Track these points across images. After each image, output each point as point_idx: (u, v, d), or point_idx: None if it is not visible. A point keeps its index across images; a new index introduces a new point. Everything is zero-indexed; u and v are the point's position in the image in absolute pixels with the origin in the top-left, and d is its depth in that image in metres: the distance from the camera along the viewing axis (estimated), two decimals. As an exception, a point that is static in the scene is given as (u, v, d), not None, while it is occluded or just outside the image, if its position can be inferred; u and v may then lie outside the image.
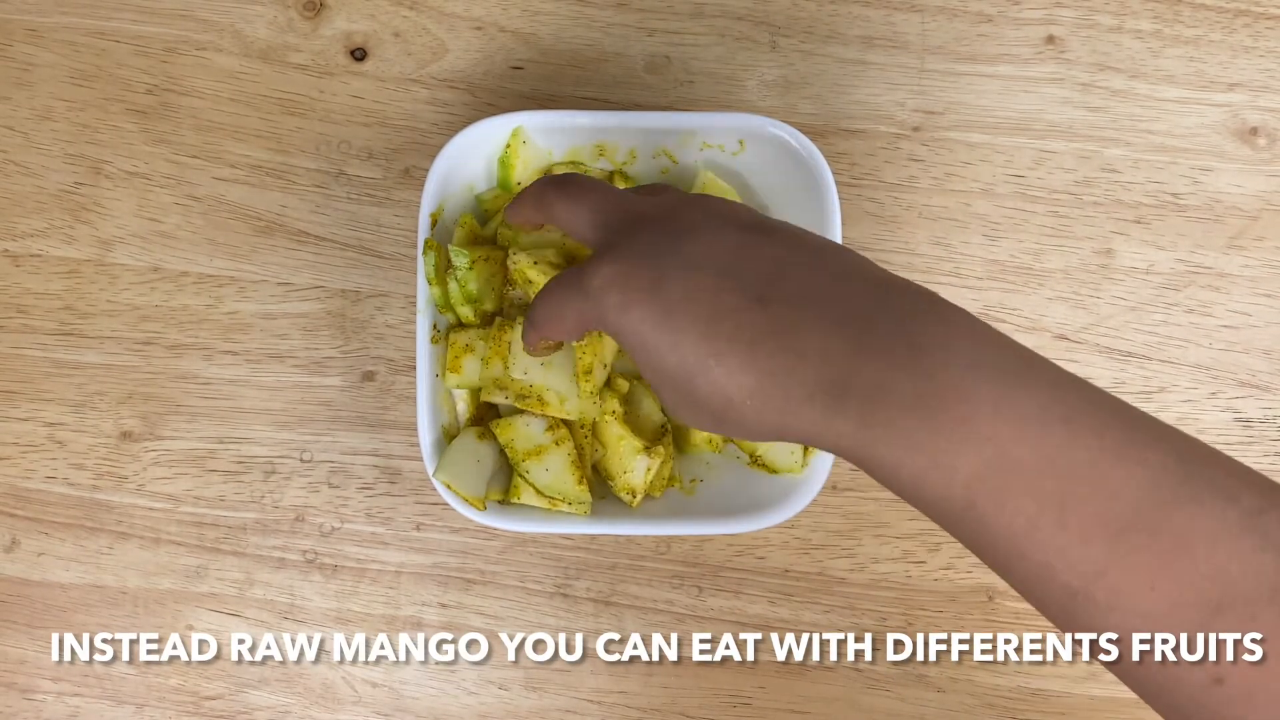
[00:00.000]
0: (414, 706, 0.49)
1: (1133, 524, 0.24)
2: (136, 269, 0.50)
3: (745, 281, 0.28)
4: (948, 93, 0.50)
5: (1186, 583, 0.24)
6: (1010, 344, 0.27)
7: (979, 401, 0.25)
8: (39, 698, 0.49)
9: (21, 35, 0.50)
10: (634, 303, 0.28)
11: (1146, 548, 0.24)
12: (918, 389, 0.25)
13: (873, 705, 0.49)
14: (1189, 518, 0.24)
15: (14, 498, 0.49)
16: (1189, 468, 0.24)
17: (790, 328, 0.27)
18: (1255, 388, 0.50)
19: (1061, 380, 0.26)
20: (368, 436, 0.49)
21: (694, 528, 0.44)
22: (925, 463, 0.25)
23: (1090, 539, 0.24)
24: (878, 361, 0.26)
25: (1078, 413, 0.25)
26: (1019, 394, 0.25)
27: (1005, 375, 0.25)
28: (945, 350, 0.26)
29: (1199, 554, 0.24)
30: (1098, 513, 0.24)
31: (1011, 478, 0.25)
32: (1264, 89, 0.50)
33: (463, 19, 0.50)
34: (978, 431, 0.25)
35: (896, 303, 0.27)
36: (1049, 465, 0.24)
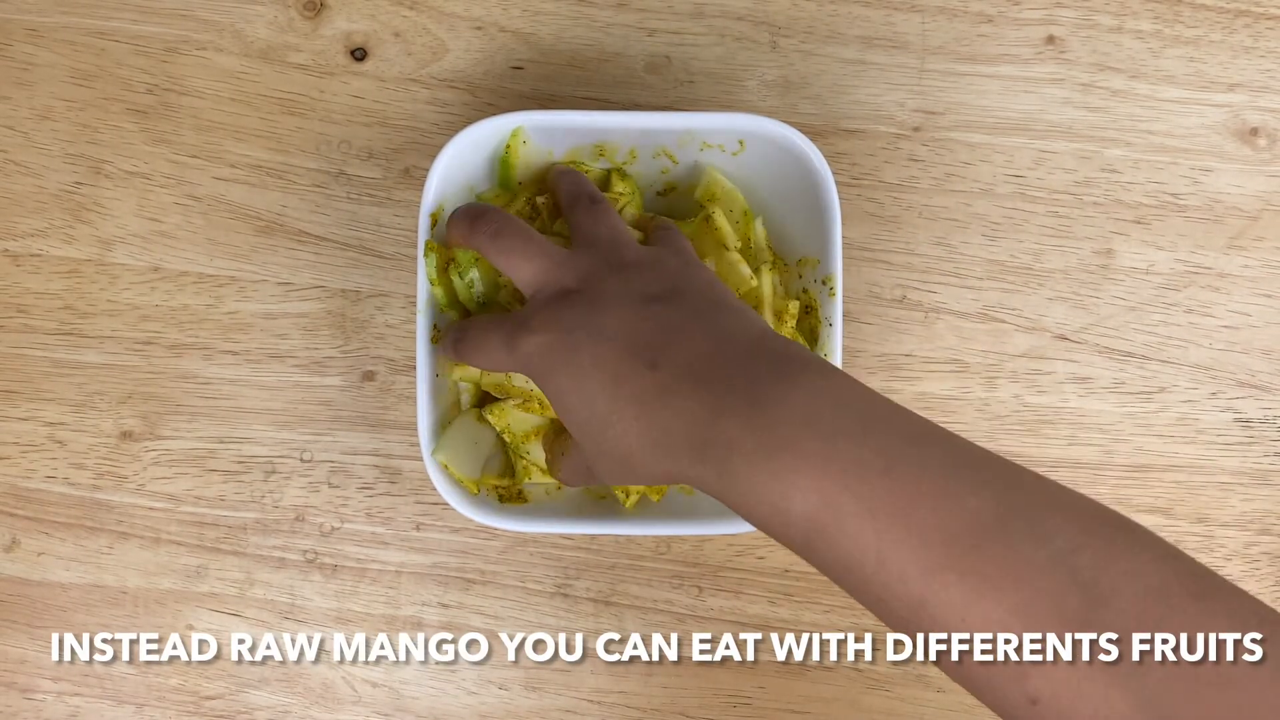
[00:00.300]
0: (414, 706, 0.49)
1: (943, 564, 0.27)
2: (136, 269, 0.50)
3: (640, 349, 0.33)
4: (948, 93, 0.50)
5: (993, 618, 0.27)
6: (851, 400, 0.31)
7: (805, 455, 0.29)
8: (39, 698, 0.49)
9: (21, 35, 0.50)
10: (554, 368, 0.34)
11: (956, 584, 0.27)
12: (756, 445, 0.30)
13: (873, 705, 0.49)
14: (997, 559, 0.27)
15: (14, 497, 0.49)
16: (1005, 511, 0.28)
17: (671, 390, 0.32)
18: (1255, 388, 0.50)
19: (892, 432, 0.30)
20: (368, 436, 0.49)
21: (694, 528, 0.44)
22: (766, 509, 0.30)
23: (906, 577, 0.28)
24: (728, 419, 0.30)
25: (899, 464, 0.29)
26: (843, 448, 0.29)
27: (835, 430, 0.29)
28: (781, 409, 0.30)
29: (1004, 591, 0.27)
30: (913, 553, 0.28)
31: (836, 523, 0.28)
32: (1264, 89, 0.50)
33: (463, 19, 0.50)
34: (804, 481, 0.29)
35: (754, 365, 0.32)
36: (868, 512, 0.28)
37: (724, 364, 0.32)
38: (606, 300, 0.35)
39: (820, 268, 0.44)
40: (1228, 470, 0.50)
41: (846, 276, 0.49)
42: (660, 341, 0.33)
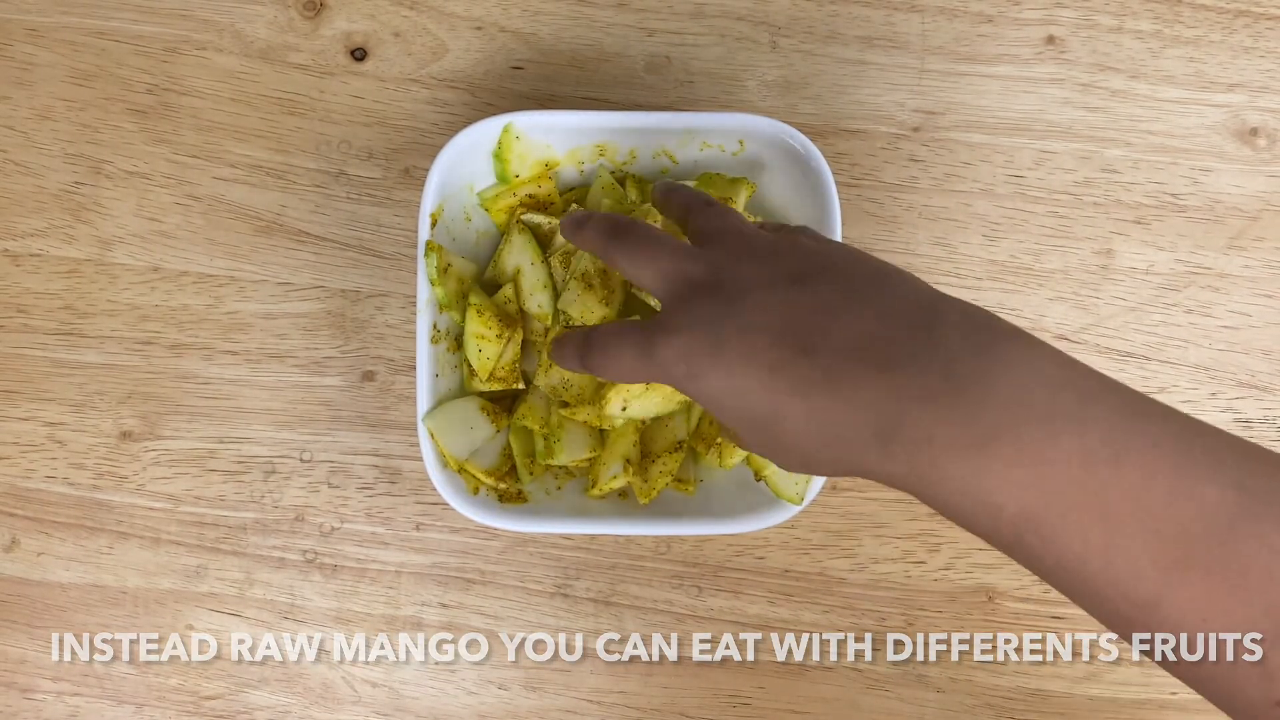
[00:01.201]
0: (414, 706, 0.49)
1: (1183, 560, 0.24)
2: (136, 269, 0.50)
3: (794, 335, 0.29)
4: (948, 93, 0.50)
5: (1240, 616, 0.24)
6: (1063, 374, 0.27)
7: (1022, 445, 0.25)
8: (39, 697, 0.49)
9: (21, 35, 0.50)
10: (701, 371, 0.31)
11: (1198, 582, 0.24)
12: (960, 435, 0.26)
13: (872, 705, 0.49)
14: (1243, 551, 0.24)
15: (14, 497, 0.49)
16: (1247, 500, 0.25)
17: (838, 378, 0.28)
18: (1255, 388, 0.50)
19: (1115, 412, 0.26)
20: (368, 436, 0.49)
21: (694, 528, 0.44)
22: (973, 505, 0.26)
23: (1140, 575, 0.25)
24: (920, 407, 0.27)
25: (1126, 451, 0.25)
26: (1065, 435, 0.25)
27: (1053, 415, 0.26)
28: (988, 390, 0.26)
29: (1253, 587, 0.24)
30: (1147, 550, 0.25)
31: (1057, 518, 0.25)
32: (1264, 89, 0.50)
33: (463, 19, 0.50)
34: (1021, 476, 0.25)
35: (939, 337, 0.28)
36: (1095, 506, 0.25)
37: (900, 341, 0.28)
38: (747, 287, 0.31)
39: None
40: (1228, 470, 0.50)
41: (846, 276, 0.49)
42: (815, 323, 0.29)
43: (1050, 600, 0.49)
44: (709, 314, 0.31)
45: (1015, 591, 0.49)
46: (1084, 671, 0.49)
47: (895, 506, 0.49)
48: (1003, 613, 0.49)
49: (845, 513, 0.49)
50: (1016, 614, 0.49)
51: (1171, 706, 0.49)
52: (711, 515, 0.44)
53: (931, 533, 0.49)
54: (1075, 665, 0.49)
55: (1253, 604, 0.24)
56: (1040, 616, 0.49)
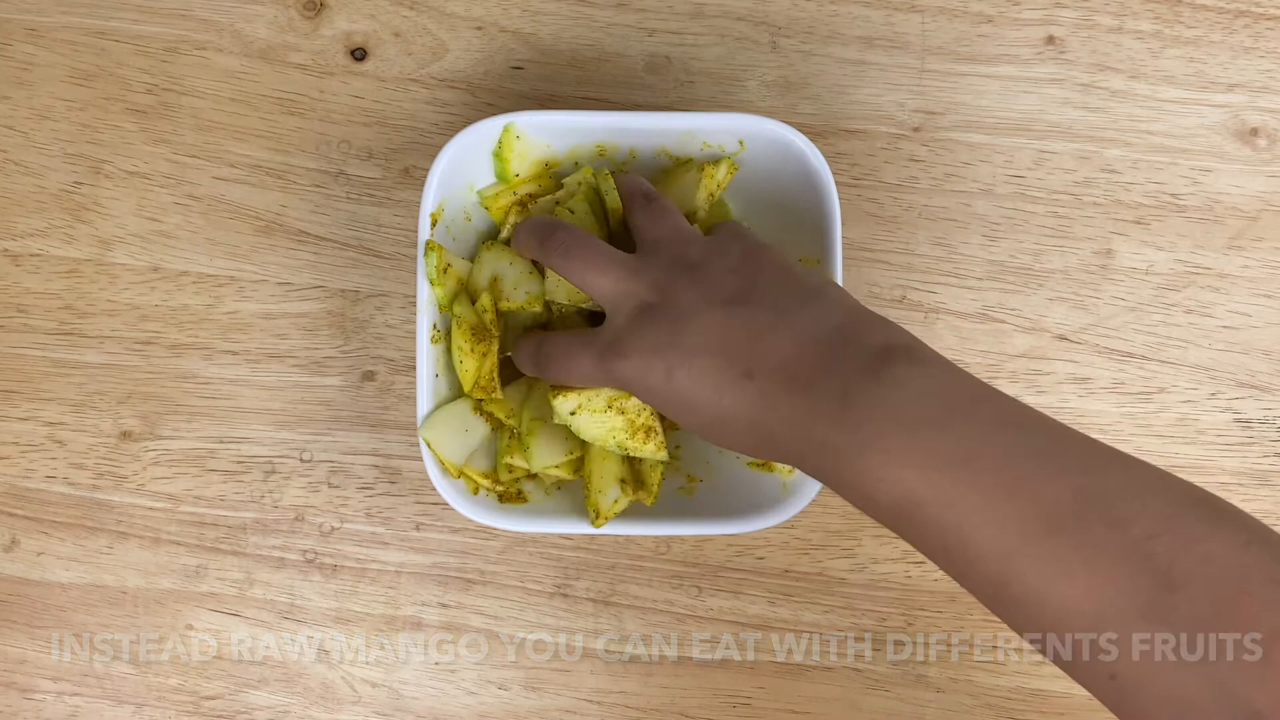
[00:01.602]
0: (414, 706, 0.49)
1: (1022, 549, 0.29)
2: (136, 269, 0.50)
3: (734, 359, 0.35)
4: (948, 93, 0.50)
5: (1069, 600, 0.28)
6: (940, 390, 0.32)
7: (890, 450, 0.31)
8: (39, 697, 0.49)
9: (21, 35, 0.50)
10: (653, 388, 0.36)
11: (1032, 570, 0.29)
12: (847, 442, 0.32)
13: (872, 705, 0.49)
14: (1072, 545, 0.28)
15: (14, 497, 0.49)
16: (1080, 500, 0.29)
17: (770, 395, 0.34)
18: (1255, 388, 0.50)
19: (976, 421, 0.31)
20: (368, 436, 0.49)
21: (694, 528, 0.44)
22: (857, 497, 0.32)
23: (986, 560, 0.30)
24: (821, 422, 0.33)
25: (980, 454, 0.30)
26: (929, 441, 0.31)
27: (917, 423, 0.31)
28: (870, 406, 0.32)
29: (1077, 576, 0.28)
30: (989, 541, 0.29)
31: (920, 511, 0.31)
32: (1264, 89, 0.50)
33: (463, 19, 0.50)
34: (889, 475, 0.31)
35: (841, 364, 0.33)
36: (948, 502, 0.30)
37: (812, 363, 0.34)
38: (686, 312, 0.36)
39: (820, 268, 0.44)
40: (1228, 471, 0.50)
41: (846, 276, 0.49)
42: (749, 348, 0.35)
43: (1050, 600, 0.49)
44: (657, 340, 0.36)
45: (1015, 591, 0.49)
46: (1084, 671, 0.49)
47: (895, 506, 0.49)
48: (1003, 613, 0.49)
49: (845, 513, 0.49)
50: (1016, 614, 0.49)
51: (1171, 706, 0.49)
52: (711, 515, 0.44)
53: (931, 533, 0.49)
54: (1075, 665, 0.49)
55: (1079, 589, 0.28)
56: (1040, 616, 0.49)
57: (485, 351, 0.43)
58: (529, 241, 0.41)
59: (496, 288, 0.44)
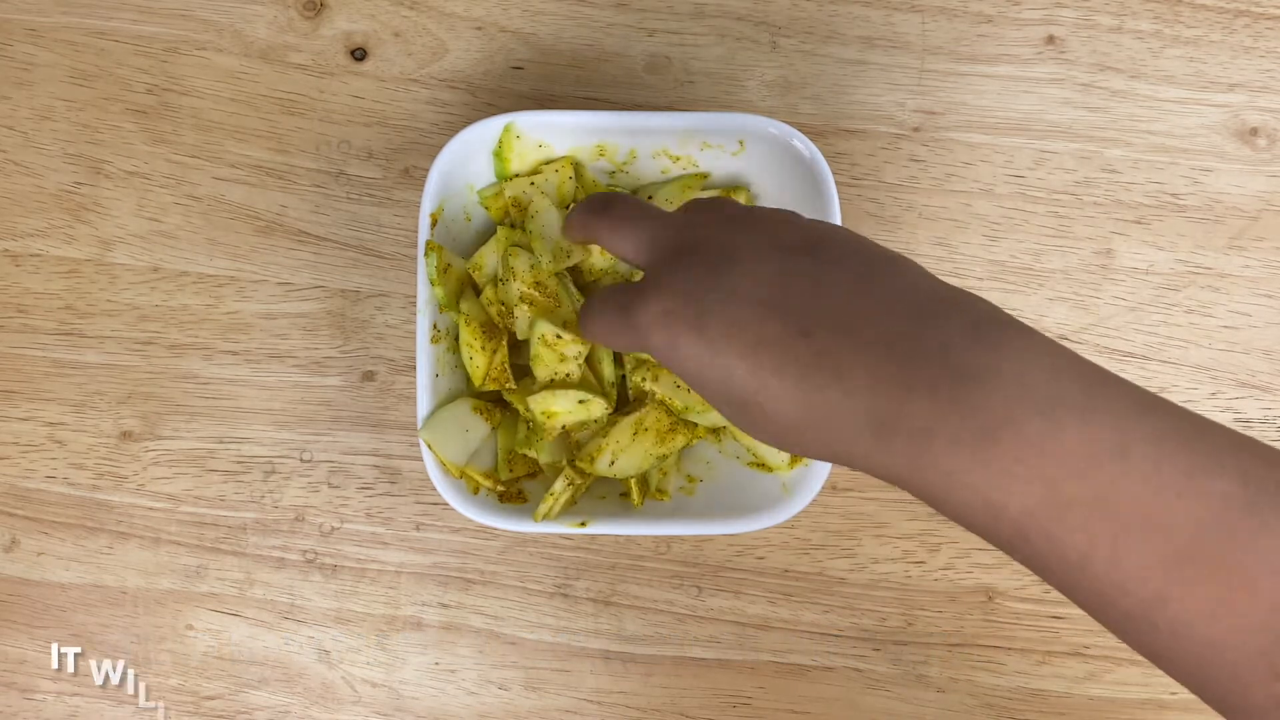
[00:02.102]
0: (414, 706, 0.49)
1: (1191, 556, 0.24)
2: (136, 269, 0.50)
3: (787, 311, 0.28)
4: (948, 93, 0.50)
5: (1250, 614, 0.23)
6: (1064, 364, 0.26)
7: (1026, 438, 0.24)
8: (39, 698, 0.49)
9: (21, 35, 0.50)
10: (679, 340, 0.29)
11: (1208, 579, 0.24)
12: (961, 428, 0.25)
13: (872, 705, 0.49)
14: (1252, 548, 0.23)
15: (14, 497, 0.49)
16: (1253, 493, 0.24)
17: (835, 359, 0.27)
18: (1255, 388, 0.50)
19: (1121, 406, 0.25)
20: (368, 436, 0.49)
21: (694, 528, 0.44)
22: (974, 501, 0.25)
23: (1148, 573, 0.24)
24: (923, 397, 0.25)
25: (1133, 444, 0.24)
26: (1069, 427, 0.24)
27: (1055, 406, 0.25)
28: (991, 381, 0.25)
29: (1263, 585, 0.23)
30: (1154, 547, 0.24)
31: (1062, 514, 0.24)
32: (1264, 89, 0.50)
33: (463, 19, 0.50)
34: (1025, 470, 0.24)
35: (943, 326, 0.26)
36: (1101, 502, 0.24)
37: (901, 329, 0.27)
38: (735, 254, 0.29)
39: None
40: (1228, 470, 0.50)
41: (846, 276, 0.49)
42: (810, 302, 0.28)
43: (1050, 600, 0.49)
44: (692, 279, 0.29)
45: (1015, 591, 0.49)
46: (1084, 671, 0.49)
47: (895, 506, 0.49)
48: (1003, 613, 0.49)
49: (845, 513, 0.49)
50: (1016, 614, 0.49)
51: (1172, 706, 0.49)
52: (711, 515, 0.44)
53: (931, 533, 0.49)
54: (1075, 665, 0.49)
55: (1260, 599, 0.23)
56: (1040, 616, 0.49)
57: (495, 348, 0.43)
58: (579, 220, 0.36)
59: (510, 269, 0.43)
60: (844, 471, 0.49)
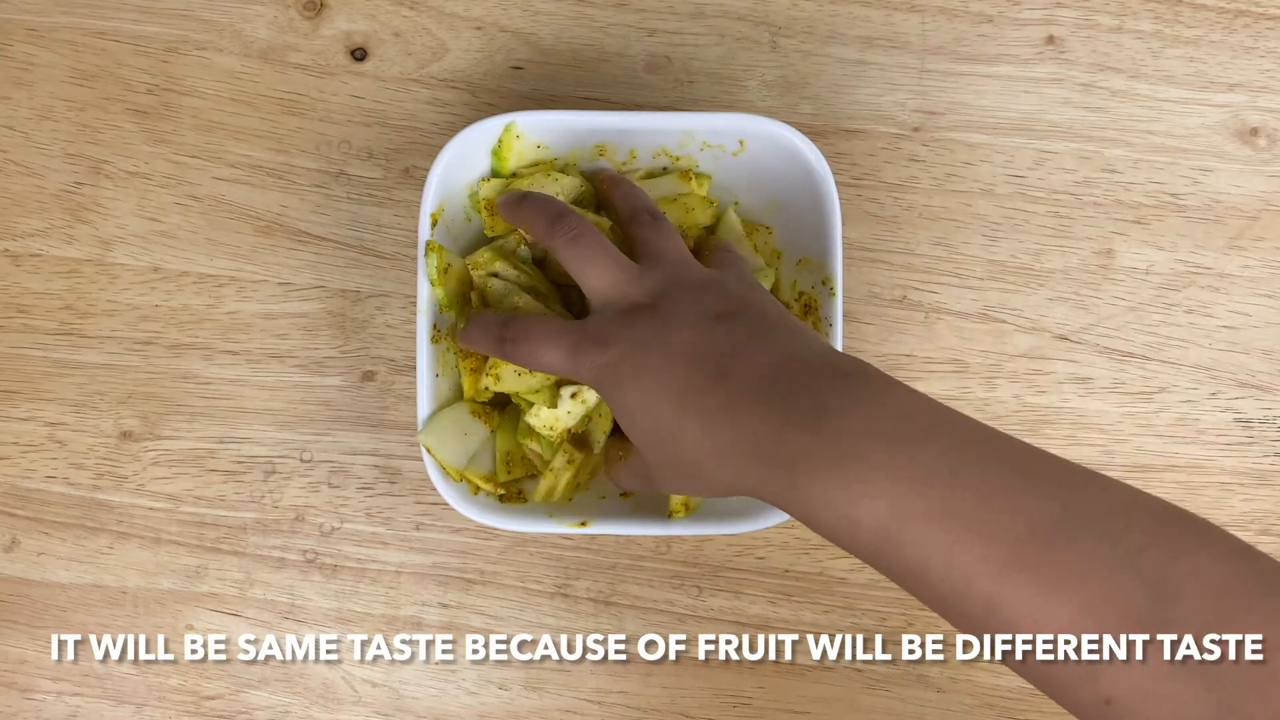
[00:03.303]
0: (414, 706, 0.49)
1: (1012, 564, 0.28)
2: (136, 269, 0.50)
3: (708, 365, 0.34)
4: (948, 93, 0.50)
5: (1063, 616, 0.27)
6: (916, 410, 0.32)
7: (872, 464, 0.30)
8: (39, 698, 0.49)
9: (21, 35, 0.50)
10: (621, 383, 0.35)
11: (1027, 584, 0.28)
12: (822, 455, 0.30)
13: (872, 705, 0.49)
14: (1065, 558, 0.27)
15: (14, 497, 0.49)
16: (1071, 513, 0.28)
17: (739, 404, 0.33)
18: (1255, 388, 0.50)
19: (956, 436, 0.31)
20: (368, 436, 0.49)
21: (694, 528, 0.44)
22: (835, 518, 0.30)
23: (976, 579, 0.28)
24: (794, 431, 0.31)
25: (964, 468, 0.29)
26: (908, 453, 0.30)
27: (898, 437, 0.30)
28: (845, 420, 0.31)
29: (1071, 591, 0.27)
30: (979, 556, 0.28)
31: (905, 528, 0.29)
32: (1264, 89, 0.50)
33: (463, 19, 0.50)
34: (872, 489, 0.29)
35: (819, 378, 0.33)
36: (937, 516, 0.29)
37: (789, 379, 0.33)
38: (676, 317, 0.36)
39: (820, 268, 0.44)
40: (1228, 470, 0.50)
41: (846, 276, 0.49)
42: (727, 357, 0.34)
43: (1050, 600, 0.49)
44: (641, 335, 0.36)
45: (1015, 591, 0.49)
46: (1084, 671, 0.49)
47: (895, 506, 0.49)
48: (1003, 613, 0.49)
49: (845, 513, 0.49)
50: (1016, 614, 0.49)
51: (1171, 706, 0.49)
52: (711, 515, 0.44)
53: (931, 533, 0.49)
54: (1075, 665, 0.49)
55: (1074, 603, 0.27)
56: (1040, 616, 0.49)
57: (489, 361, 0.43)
58: (538, 219, 0.40)
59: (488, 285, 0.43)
60: (844, 471, 0.49)
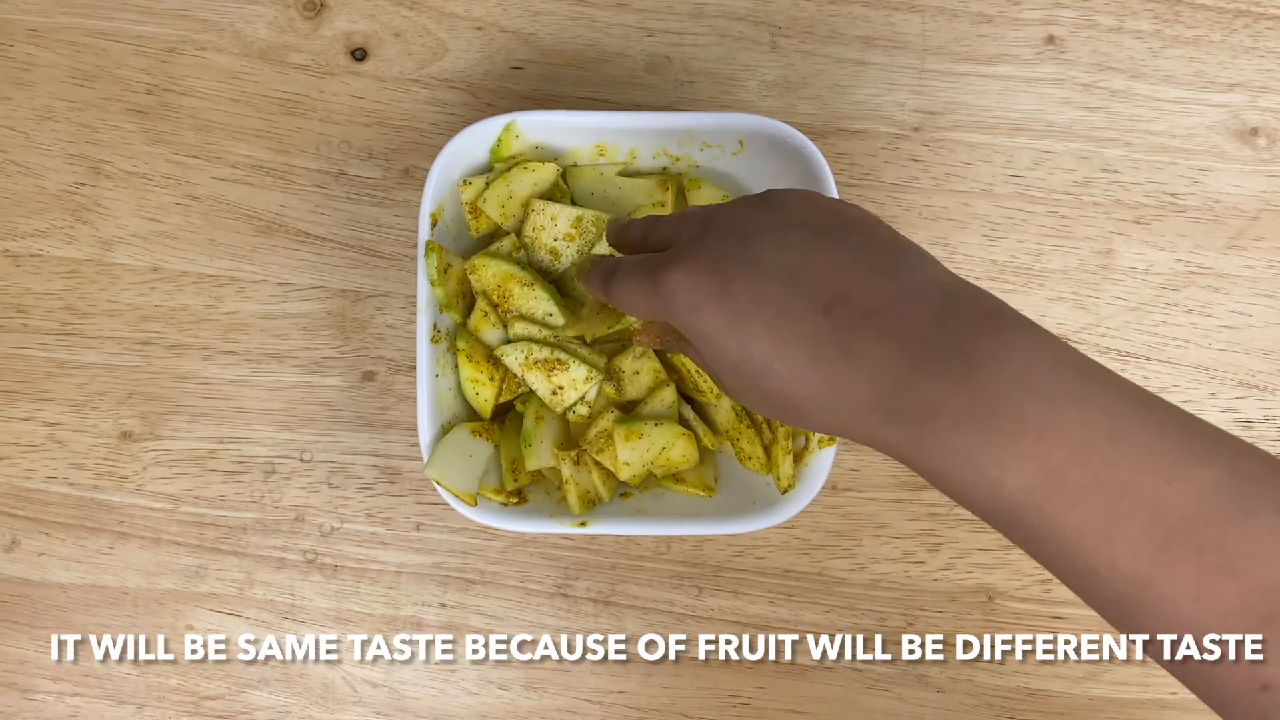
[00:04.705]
0: (414, 706, 0.49)
1: (1179, 539, 0.25)
2: (136, 269, 0.50)
3: (811, 290, 0.29)
4: (948, 93, 0.50)
5: (1232, 596, 0.24)
6: (1067, 358, 0.27)
7: (1026, 420, 0.26)
8: (39, 698, 0.49)
9: (22, 35, 0.50)
10: (702, 306, 0.30)
11: (1193, 561, 0.25)
12: (967, 408, 0.26)
13: (872, 705, 0.49)
14: (1237, 533, 0.25)
15: (14, 498, 0.49)
16: (1242, 483, 0.25)
17: (853, 340, 0.28)
18: (1255, 388, 0.50)
19: (1115, 394, 0.27)
20: (368, 436, 0.49)
21: (694, 528, 0.44)
22: (975, 477, 0.27)
23: (1136, 553, 0.25)
24: (932, 379, 0.27)
25: (1127, 429, 0.26)
26: (1067, 411, 0.26)
27: (1055, 392, 0.26)
28: (996, 368, 0.26)
29: (1245, 568, 0.24)
30: (1144, 528, 0.25)
31: (1057, 494, 0.26)
32: (1264, 89, 0.50)
33: (463, 19, 0.50)
34: (1023, 450, 0.26)
35: (956, 317, 0.28)
36: (1095, 483, 0.25)
37: (916, 315, 0.28)
38: (762, 229, 0.31)
39: None
40: (1228, 470, 0.50)
41: (846, 276, 0.49)
42: (834, 283, 0.29)
43: (1050, 600, 0.49)
44: (719, 250, 0.30)
45: (1015, 591, 0.49)
46: (1084, 671, 0.49)
47: (895, 507, 0.49)
48: (1003, 613, 0.49)
49: (845, 513, 0.49)
50: (1016, 614, 0.49)
51: (1171, 706, 0.49)
52: (712, 515, 0.44)
53: (931, 533, 0.49)
54: (1075, 665, 0.49)
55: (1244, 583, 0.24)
56: (1040, 616, 0.49)
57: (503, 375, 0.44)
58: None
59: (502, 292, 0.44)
60: (844, 471, 0.49)
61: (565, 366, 0.42)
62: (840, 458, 0.49)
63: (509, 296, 0.43)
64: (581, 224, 0.43)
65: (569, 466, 0.43)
